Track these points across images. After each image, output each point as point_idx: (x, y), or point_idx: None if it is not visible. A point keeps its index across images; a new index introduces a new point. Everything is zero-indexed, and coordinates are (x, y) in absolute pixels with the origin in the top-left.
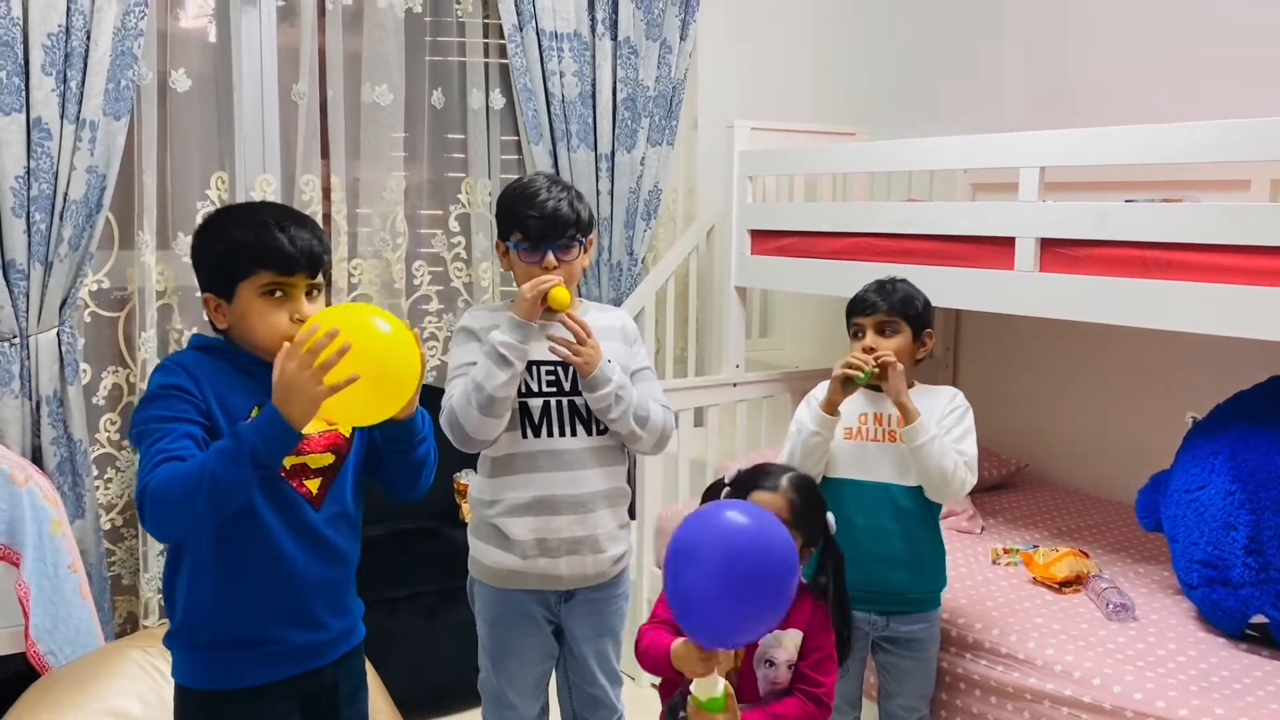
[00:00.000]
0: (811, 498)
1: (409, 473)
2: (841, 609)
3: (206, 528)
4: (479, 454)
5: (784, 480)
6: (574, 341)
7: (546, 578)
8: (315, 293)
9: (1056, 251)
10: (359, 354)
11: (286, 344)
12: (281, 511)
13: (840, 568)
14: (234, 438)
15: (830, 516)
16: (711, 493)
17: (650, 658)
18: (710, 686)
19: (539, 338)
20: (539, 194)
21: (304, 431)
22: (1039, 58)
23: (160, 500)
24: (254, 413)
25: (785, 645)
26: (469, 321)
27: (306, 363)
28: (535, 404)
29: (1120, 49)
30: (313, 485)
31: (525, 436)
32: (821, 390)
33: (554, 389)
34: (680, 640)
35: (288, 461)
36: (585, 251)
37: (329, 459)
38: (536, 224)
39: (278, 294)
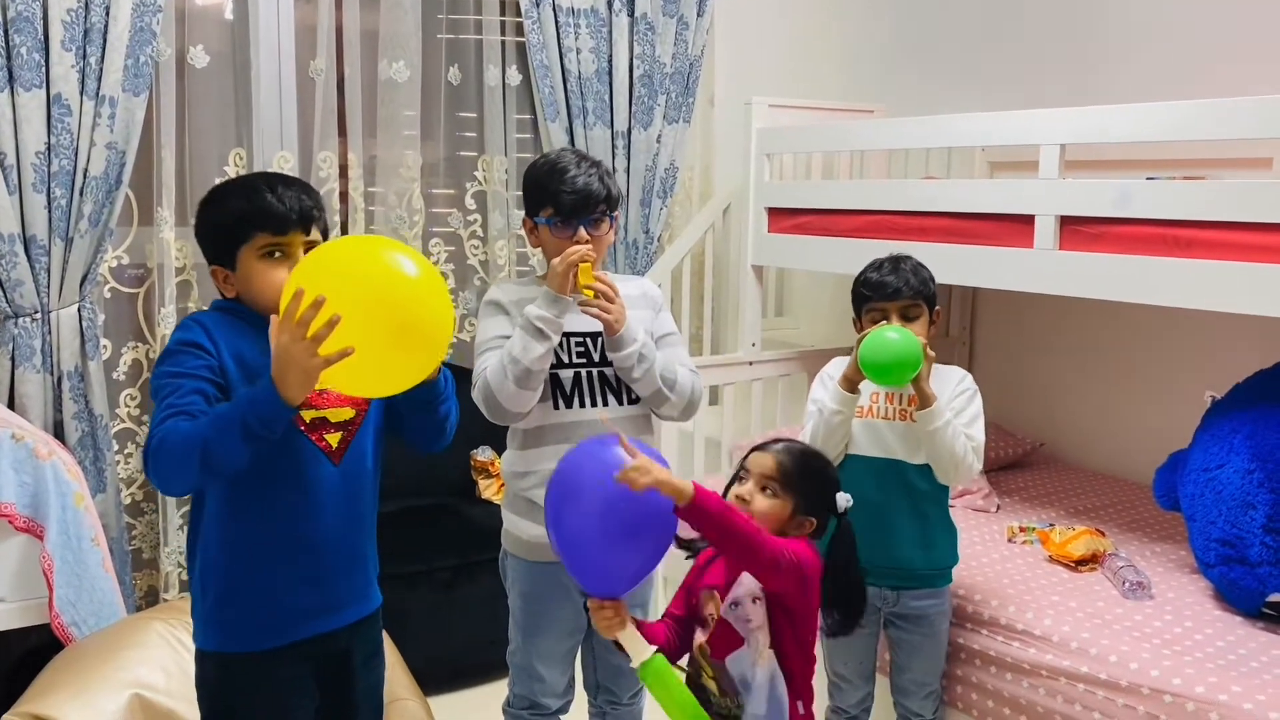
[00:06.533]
0: (807, 466)
1: (431, 429)
2: (854, 586)
3: (209, 484)
4: (505, 431)
5: (779, 445)
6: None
7: None
8: (313, 249)
9: (1076, 229)
10: (365, 318)
11: (275, 317)
12: (299, 465)
13: (852, 546)
14: (232, 405)
15: (841, 497)
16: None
17: None
18: (637, 649)
19: (572, 310)
20: (569, 170)
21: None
22: (1059, 34)
23: (160, 458)
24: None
25: (744, 582)
26: (497, 295)
27: (298, 335)
28: (566, 375)
29: (1140, 25)
30: (333, 439)
31: (557, 408)
32: (834, 367)
33: (584, 360)
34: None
35: (308, 415)
36: (612, 227)
37: (349, 413)
38: (569, 200)
39: (276, 254)
